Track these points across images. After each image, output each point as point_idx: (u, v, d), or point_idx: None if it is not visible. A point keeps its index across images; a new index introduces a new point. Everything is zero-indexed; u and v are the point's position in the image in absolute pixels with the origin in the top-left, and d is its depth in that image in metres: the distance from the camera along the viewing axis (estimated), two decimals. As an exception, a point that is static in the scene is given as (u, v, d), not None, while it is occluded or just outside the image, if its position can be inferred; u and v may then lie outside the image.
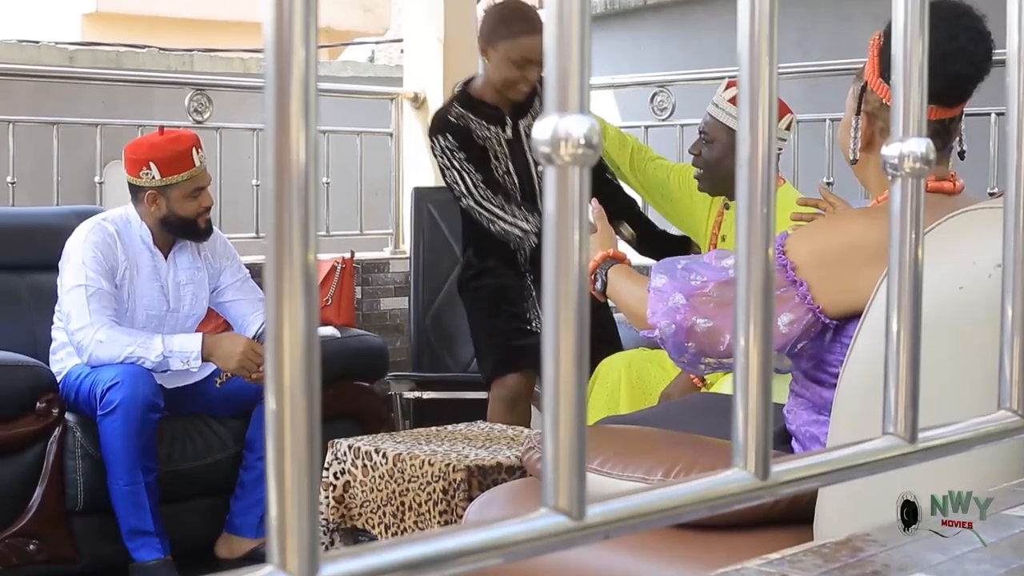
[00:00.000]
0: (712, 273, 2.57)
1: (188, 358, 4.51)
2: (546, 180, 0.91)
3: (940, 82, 2.50)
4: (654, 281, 2.63)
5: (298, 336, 0.82)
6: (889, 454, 1.21)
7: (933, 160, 1.19)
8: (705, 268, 2.59)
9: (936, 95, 2.52)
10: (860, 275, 2.44)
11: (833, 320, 2.50)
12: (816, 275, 2.49)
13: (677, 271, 2.61)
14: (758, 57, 1.05)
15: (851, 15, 8.59)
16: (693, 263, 2.63)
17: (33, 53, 10.39)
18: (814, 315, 2.49)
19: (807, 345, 2.54)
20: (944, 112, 2.56)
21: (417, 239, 6.40)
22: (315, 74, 0.82)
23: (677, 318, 2.56)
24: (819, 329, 2.52)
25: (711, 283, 2.55)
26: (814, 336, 2.53)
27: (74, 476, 4.51)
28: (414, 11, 7.24)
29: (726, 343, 2.52)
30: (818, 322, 2.50)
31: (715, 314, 2.53)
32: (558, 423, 0.92)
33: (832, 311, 2.49)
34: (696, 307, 2.54)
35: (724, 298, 2.53)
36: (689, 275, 2.58)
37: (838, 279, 2.48)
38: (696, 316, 2.54)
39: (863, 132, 2.59)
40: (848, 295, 2.47)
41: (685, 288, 2.56)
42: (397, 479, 4.06)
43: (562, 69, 0.89)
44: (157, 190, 4.67)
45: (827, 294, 2.48)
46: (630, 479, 2.60)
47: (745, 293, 1.07)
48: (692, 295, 2.55)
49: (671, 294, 2.57)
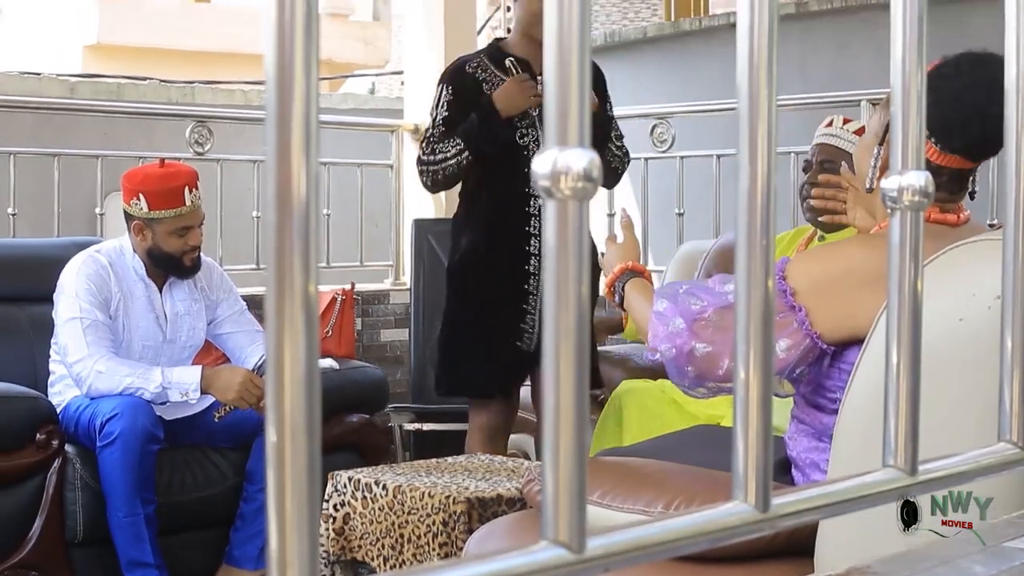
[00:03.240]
0: (712, 298, 2.58)
1: (187, 390, 4.50)
2: (546, 214, 0.91)
3: (969, 140, 2.52)
4: (656, 305, 2.64)
5: (299, 368, 0.82)
6: (889, 486, 1.21)
7: (932, 193, 1.20)
8: (706, 293, 2.60)
9: (964, 149, 2.54)
10: (859, 301, 2.45)
11: (831, 346, 2.51)
12: (815, 301, 2.50)
13: (679, 295, 2.62)
14: (757, 88, 1.05)
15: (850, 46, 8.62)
16: (695, 287, 2.64)
17: (35, 84, 10.41)
18: (812, 341, 2.50)
19: (805, 370, 2.55)
20: (966, 164, 2.58)
21: (417, 271, 6.40)
22: (316, 106, 0.82)
23: (677, 342, 2.57)
24: (817, 355, 2.52)
25: (710, 308, 2.57)
26: (812, 361, 2.53)
27: (74, 507, 4.50)
28: (414, 43, 7.26)
29: (724, 367, 2.53)
30: (816, 348, 2.51)
31: (714, 339, 2.54)
32: (558, 455, 0.92)
33: (830, 337, 2.50)
34: (696, 332, 2.56)
35: (723, 323, 2.54)
36: (690, 299, 2.59)
37: (837, 305, 2.49)
38: (696, 340, 2.55)
39: (883, 162, 2.60)
40: (847, 321, 2.48)
41: (686, 312, 2.58)
42: (397, 511, 4.06)
43: (562, 102, 0.90)
44: (144, 221, 4.67)
45: (825, 320, 2.49)
46: (630, 511, 2.60)
47: (745, 324, 1.07)
48: (692, 319, 2.57)
49: (672, 318, 2.59)
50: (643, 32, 11.08)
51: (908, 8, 1.20)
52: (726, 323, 2.54)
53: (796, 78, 8.38)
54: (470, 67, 4.59)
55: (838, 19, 9.33)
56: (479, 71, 4.59)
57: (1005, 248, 1.36)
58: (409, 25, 7.36)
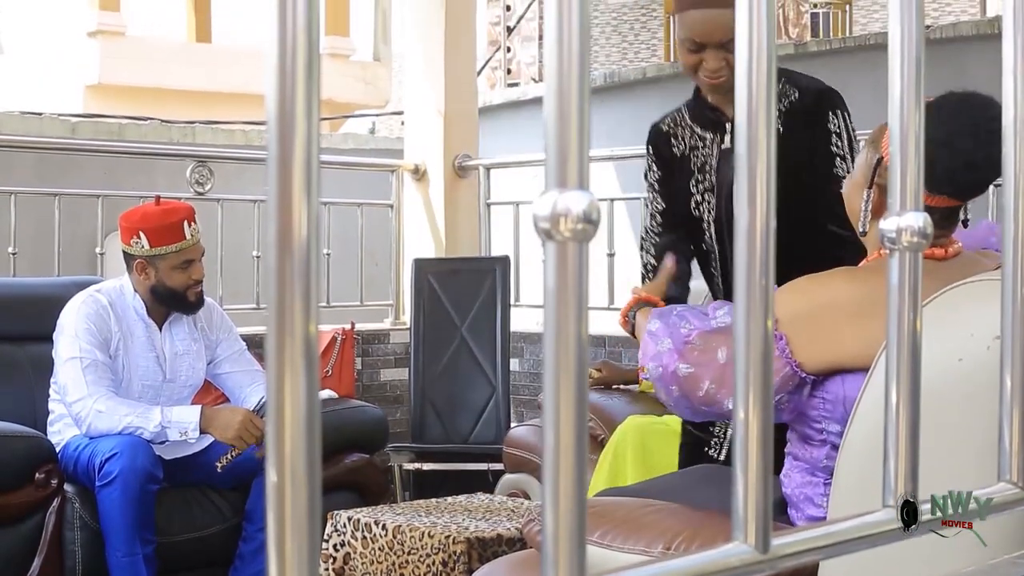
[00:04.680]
0: (699, 322, 2.64)
1: (186, 429, 4.50)
2: (546, 256, 0.91)
3: (957, 186, 2.54)
4: (650, 325, 2.70)
5: (299, 408, 0.82)
6: (889, 527, 1.21)
7: (931, 234, 1.20)
8: (695, 317, 2.66)
9: (953, 193, 2.55)
10: (840, 332, 2.48)
11: (811, 375, 2.53)
12: (795, 330, 2.52)
13: (672, 317, 2.69)
14: (756, 128, 1.06)
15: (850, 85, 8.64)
16: (687, 311, 2.70)
17: (35, 124, 10.43)
18: (792, 369, 2.52)
19: (784, 398, 2.57)
20: (955, 202, 2.59)
21: (417, 310, 6.40)
22: (317, 146, 0.82)
23: (664, 361, 2.63)
24: (796, 383, 2.54)
25: (696, 332, 2.62)
26: (792, 390, 2.55)
27: (72, 547, 4.48)
28: (414, 84, 7.28)
29: (704, 390, 2.59)
30: (796, 376, 2.53)
31: (697, 361, 2.60)
32: (558, 495, 0.92)
33: (810, 366, 2.52)
34: (682, 353, 2.62)
35: (706, 347, 2.60)
36: (680, 322, 2.66)
37: (817, 335, 2.51)
38: (680, 362, 2.61)
39: (874, 203, 2.61)
40: (827, 352, 2.50)
41: (675, 334, 2.63)
42: (397, 551, 4.05)
43: (562, 144, 0.90)
44: (146, 259, 4.68)
45: (806, 349, 2.51)
46: (631, 552, 2.60)
47: (744, 364, 1.07)
48: (679, 342, 2.62)
49: (662, 338, 2.65)
50: (643, 72, 11.11)
51: (906, 49, 1.21)
52: (708, 347, 2.60)
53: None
54: (664, 124, 4.04)
55: (837, 59, 9.36)
56: (672, 126, 4.02)
57: (1004, 289, 1.36)
58: (409, 65, 7.39)
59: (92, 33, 18.99)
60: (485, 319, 6.28)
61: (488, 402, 6.17)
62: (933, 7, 20.99)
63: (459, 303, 6.36)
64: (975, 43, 8.89)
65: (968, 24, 9.78)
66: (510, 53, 19.19)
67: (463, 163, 7.05)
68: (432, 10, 7.01)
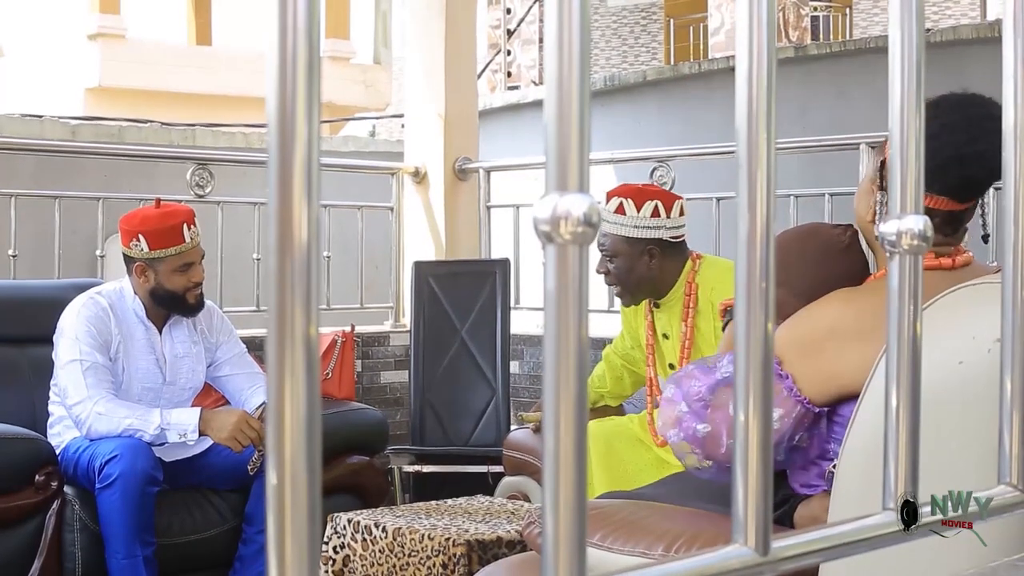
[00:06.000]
0: (706, 376, 2.57)
1: (185, 431, 4.50)
2: (546, 259, 0.91)
3: (954, 181, 2.52)
4: (666, 391, 2.64)
5: (300, 410, 0.82)
6: (890, 530, 1.21)
7: (931, 237, 1.20)
8: (701, 371, 2.59)
9: (950, 191, 2.54)
10: (843, 358, 2.46)
11: (823, 407, 2.51)
12: (800, 367, 2.50)
13: (683, 378, 2.60)
14: (756, 132, 1.06)
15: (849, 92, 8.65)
16: (693, 367, 2.63)
17: (36, 127, 10.44)
18: (803, 407, 2.49)
19: (804, 436, 2.54)
20: (956, 205, 2.58)
21: (417, 313, 6.40)
22: (317, 149, 0.83)
23: (683, 425, 2.56)
24: (812, 419, 2.52)
25: (705, 386, 2.55)
26: (808, 426, 2.53)
27: (72, 549, 4.48)
28: (415, 87, 7.28)
29: (725, 446, 2.51)
30: (809, 413, 2.50)
31: (712, 417, 2.53)
32: (558, 498, 0.92)
33: (820, 400, 2.50)
34: (695, 412, 2.54)
35: (718, 401, 2.53)
36: (691, 381, 2.58)
37: (821, 366, 2.49)
38: (696, 422, 2.54)
39: (882, 205, 2.61)
40: (833, 380, 2.48)
41: (688, 395, 2.56)
42: (397, 553, 4.05)
43: (562, 147, 0.90)
44: (146, 262, 4.68)
45: (812, 384, 2.49)
46: (631, 554, 2.60)
47: (745, 368, 1.07)
48: (691, 401, 2.55)
49: (677, 403, 2.57)
50: (643, 76, 11.12)
51: (906, 52, 1.21)
52: (720, 402, 2.53)
53: (795, 122, 8.41)
54: None
55: (837, 63, 9.37)
56: None
57: (1004, 291, 1.36)
58: (409, 68, 7.39)
59: (92, 36, 19.01)
60: (485, 322, 6.28)
61: (488, 405, 6.17)
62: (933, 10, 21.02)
63: (459, 306, 6.36)
64: (975, 46, 8.90)
65: (968, 28, 9.80)
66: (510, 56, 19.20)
67: (463, 166, 7.05)
68: (432, 13, 7.01)
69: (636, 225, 4.40)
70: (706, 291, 4.45)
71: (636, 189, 4.53)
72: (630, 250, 4.40)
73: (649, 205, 4.41)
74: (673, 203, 4.46)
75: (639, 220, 4.39)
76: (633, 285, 4.47)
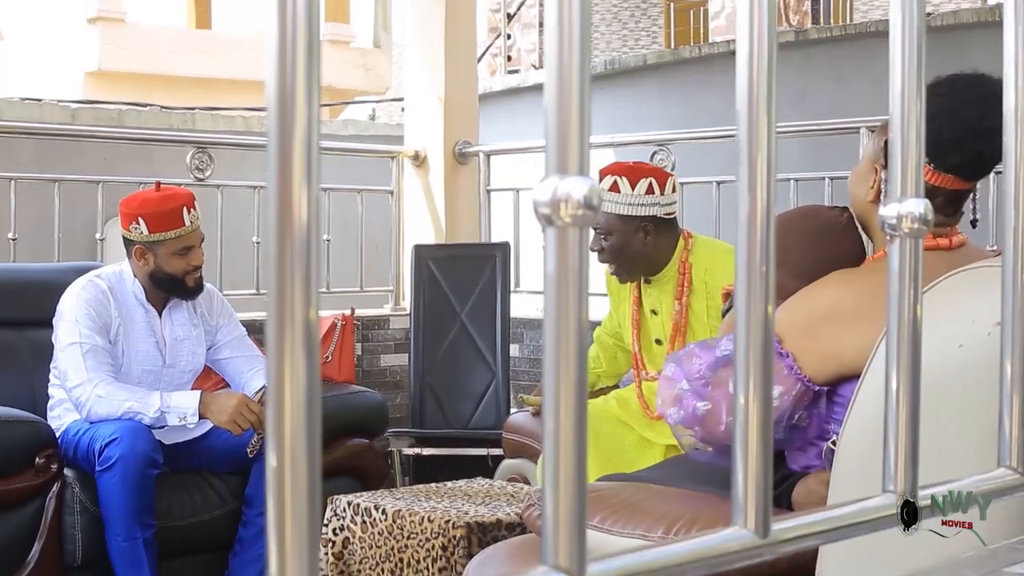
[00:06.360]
0: (707, 354, 2.58)
1: (185, 414, 4.51)
2: (546, 241, 0.91)
3: (966, 156, 2.53)
4: (665, 369, 2.65)
5: (299, 393, 0.82)
6: (890, 512, 1.21)
7: (931, 220, 1.20)
8: (702, 349, 2.61)
9: (958, 167, 2.54)
10: (842, 338, 2.47)
11: (823, 386, 2.52)
12: (800, 346, 2.51)
13: (684, 356, 2.62)
14: (757, 116, 1.06)
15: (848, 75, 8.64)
16: (695, 346, 2.65)
17: (36, 111, 10.43)
18: (803, 385, 2.51)
19: (804, 415, 2.55)
20: (961, 184, 2.58)
21: (417, 296, 6.41)
22: (317, 132, 0.82)
23: (684, 403, 2.57)
24: (811, 398, 2.53)
25: (705, 364, 2.56)
26: (808, 404, 2.54)
27: (72, 532, 4.49)
28: (414, 70, 7.27)
29: (724, 423, 2.53)
30: (809, 391, 2.51)
31: (712, 395, 2.54)
32: (558, 480, 0.92)
33: (820, 378, 2.51)
34: (696, 390, 2.56)
35: (717, 379, 2.54)
36: (692, 359, 2.59)
37: (821, 346, 2.50)
38: (696, 399, 2.55)
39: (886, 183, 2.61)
40: (833, 360, 2.49)
41: (688, 372, 2.58)
42: (396, 536, 4.05)
43: (562, 130, 0.90)
44: (145, 245, 4.68)
45: (812, 363, 2.50)
46: (631, 536, 2.60)
47: (745, 350, 1.07)
48: (692, 378, 2.56)
49: (677, 381, 2.59)
50: (643, 59, 11.10)
51: (907, 36, 1.21)
52: (720, 379, 2.55)
53: (795, 105, 8.40)
54: None
55: (837, 47, 9.35)
56: None
57: (1004, 275, 1.36)
58: (409, 52, 7.38)
59: (92, 20, 18.99)
60: (485, 305, 6.28)
61: (488, 388, 6.18)
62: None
63: (459, 289, 6.36)
64: (976, 30, 8.89)
65: (969, 11, 9.78)
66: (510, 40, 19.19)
67: (463, 150, 7.04)
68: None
69: (631, 203, 4.44)
70: (699, 271, 4.49)
71: (629, 167, 4.56)
72: (625, 227, 4.44)
73: (643, 182, 4.45)
74: (666, 180, 4.50)
75: (634, 197, 4.43)
76: (629, 262, 4.50)
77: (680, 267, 4.52)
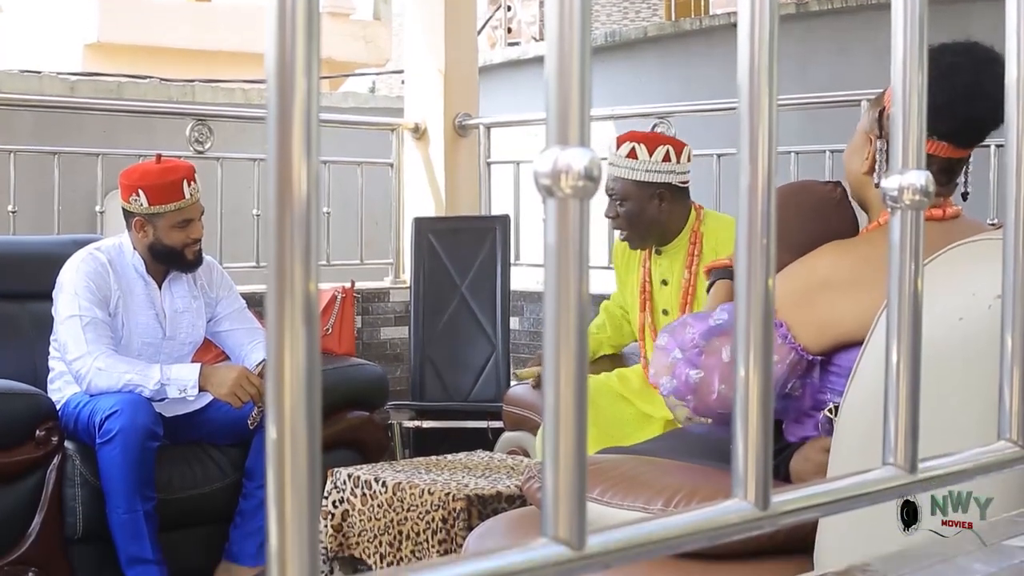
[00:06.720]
0: (700, 323, 2.59)
1: (185, 387, 4.51)
2: (546, 213, 0.91)
3: (959, 122, 2.53)
4: (659, 340, 2.66)
5: (299, 365, 0.82)
6: (889, 484, 1.21)
7: (932, 192, 1.20)
8: (696, 319, 2.62)
9: (952, 133, 2.54)
10: (838, 308, 2.47)
11: (817, 356, 2.52)
12: (794, 315, 2.51)
13: (678, 327, 2.63)
14: (758, 88, 1.05)
15: (850, 47, 8.62)
16: (692, 317, 2.67)
17: (35, 83, 10.41)
18: (798, 354, 2.51)
19: (797, 384, 2.55)
20: (955, 152, 2.58)
21: (417, 269, 6.40)
22: (317, 105, 0.82)
23: (676, 372, 2.58)
24: (805, 367, 2.53)
25: (699, 333, 2.57)
26: (802, 373, 2.54)
27: (73, 504, 4.50)
28: (414, 42, 7.26)
29: (716, 392, 2.54)
30: (803, 360, 2.52)
31: (705, 364, 2.55)
32: (558, 453, 0.92)
33: (815, 348, 2.52)
34: (689, 358, 2.57)
35: (711, 348, 2.55)
36: (685, 329, 2.61)
37: (817, 316, 2.50)
38: (689, 368, 2.56)
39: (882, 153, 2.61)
40: (830, 329, 2.50)
41: (682, 342, 2.59)
42: (396, 508, 4.06)
43: (562, 101, 0.90)
44: (145, 217, 4.68)
45: (808, 332, 2.51)
46: (630, 508, 2.60)
47: (745, 322, 1.07)
48: (685, 348, 2.57)
49: (671, 351, 2.60)
50: (644, 32, 11.07)
51: (909, 8, 1.20)
52: (713, 348, 2.56)
53: (796, 78, 8.38)
54: None
55: (838, 19, 9.32)
56: None
57: (1005, 247, 1.36)
58: (409, 24, 7.36)
59: (91, -9, 18.89)
60: (485, 278, 6.28)
61: (488, 360, 6.18)
62: (935, -34, 20.91)
63: (459, 262, 6.36)
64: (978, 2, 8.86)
65: (971, -17, 9.73)
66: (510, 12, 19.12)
67: (463, 122, 7.04)
68: (432, -32, 6.99)
69: (648, 169, 4.52)
70: (711, 241, 4.57)
71: (646, 135, 4.69)
72: (641, 193, 4.53)
73: (661, 150, 4.54)
74: (682, 149, 4.59)
75: (651, 164, 4.52)
76: (643, 228, 4.58)
77: (691, 236, 4.61)
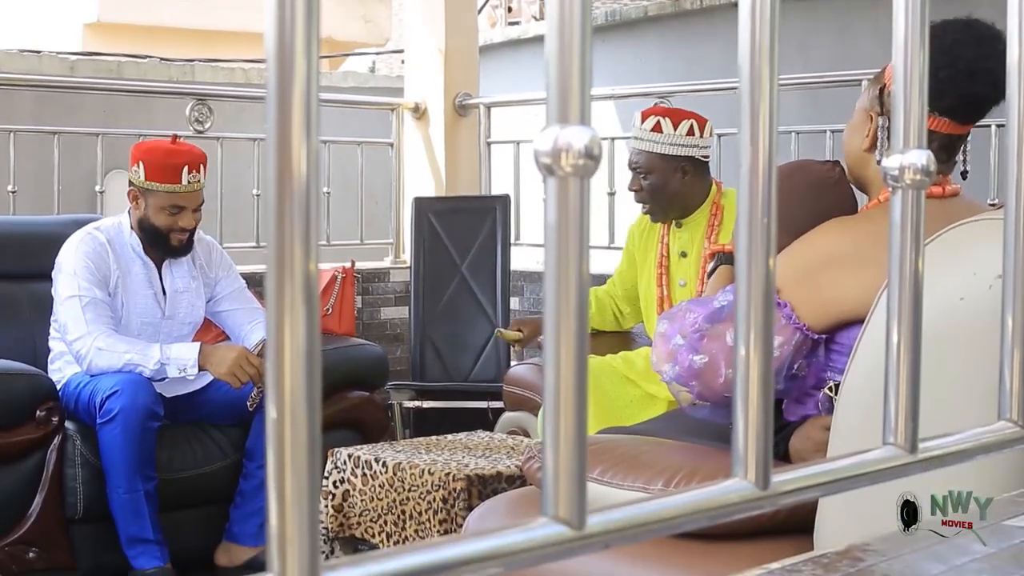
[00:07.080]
0: (702, 308, 2.58)
1: (185, 366, 4.51)
2: (547, 191, 0.91)
3: (960, 98, 2.52)
4: (659, 327, 2.64)
5: (299, 345, 0.82)
6: (889, 464, 1.21)
7: (933, 172, 1.20)
8: (697, 304, 2.60)
9: (952, 110, 2.54)
10: (840, 286, 2.47)
11: (822, 335, 2.52)
12: (798, 294, 2.50)
13: (678, 313, 2.62)
14: (759, 68, 1.05)
15: (851, 27, 8.60)
16: (692, 302, 2.65)
17: (34, 62, 10.39)
18: (802, 334, 2.50)
19: (803, 364, 2.55)
20: (956, 128, 2.58)
21: (417, 249, 6.40)
22: (316, 84, 0.82)
23: (679, 358, 2.56)
24: (810, 346, 2.53)
25: (701, 317, 2.56)
26: (807, 353, 2.54)
27: (74, 484, 4.50)
28: (415, 22, 7.25)
29: (723, 376, 2.52)
30: (807, 340, 2.51)
31: (709, 349, 2.53)
32: (559, 433, 0.92)
33: (819, 326, 2.51)
34: (691, 344, 2.55)
35: (715, 332, 2.53)
36: (686, 315, 2.59)
37: (820, 294, 2.50)
38: (691, 353, 2.55)
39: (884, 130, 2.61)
40: (833, 307, 2.49)
41: (684, 327, 2.57)
42: (397, 488, 4.06)
43: (563, 80, 0.90)
44: (139, 189, 4.68)
45: (811, 311, 2.50)
46: (631, 488, 2.60)
47: (746, 303, 1.07)
48: (687, 333, 2.56)
49: (672, 337, 2.58)
50: (644, 11, 11.05)
51: (910, -14, 1.20)
52: (716, 332, 2.54)
53: (797, 58, 8.36)
54: None
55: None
56: None
57: (1006, 227, 1.36)
58: (409, 4, 7.35)
59: (91, -30, 18.86)
60: (485, 258, 6.28)
61: (488, 340, 6.19)
62: (936, -55, 20.87)
63: (459, 242, 6.36)
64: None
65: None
66: (511, -9, 19.09)
67: (463, 102, 7.03)
68: (432, -53, 6.98)
69: (672, 143, 4.61)
70: (731, 214, 4.67)
71: (670, 109, 4.80)
72: (665, 166, 4.61)
73: (685, 124, 4.63)
74: (705, 124, 4.68)
75: (675, 138, 4.61)
76: (666, 201, 4.66)
77: (712, 208, 4.71)
